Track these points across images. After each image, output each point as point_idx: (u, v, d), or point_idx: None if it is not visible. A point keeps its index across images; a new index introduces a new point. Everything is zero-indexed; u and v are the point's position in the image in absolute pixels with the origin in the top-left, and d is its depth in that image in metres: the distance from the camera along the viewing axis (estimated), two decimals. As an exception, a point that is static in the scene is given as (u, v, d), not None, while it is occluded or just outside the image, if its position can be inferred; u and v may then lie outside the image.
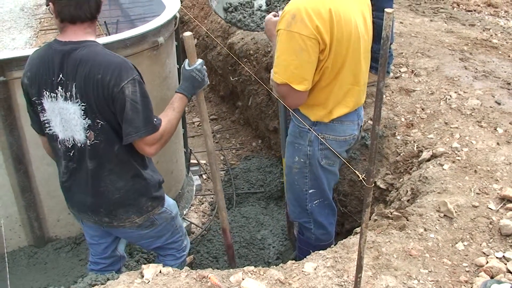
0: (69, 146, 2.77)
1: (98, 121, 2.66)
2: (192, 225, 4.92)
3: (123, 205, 2.92)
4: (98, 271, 3.22)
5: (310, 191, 3.40)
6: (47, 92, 2.67)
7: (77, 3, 2.56)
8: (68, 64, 2.61)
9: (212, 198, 5.38)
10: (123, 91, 2.58)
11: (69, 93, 2.63)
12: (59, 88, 2.64)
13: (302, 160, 3.32)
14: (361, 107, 3.39)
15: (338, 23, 2.89)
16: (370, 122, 4.22)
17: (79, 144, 2.74)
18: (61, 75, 2.63)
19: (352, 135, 3.32)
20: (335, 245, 3.00)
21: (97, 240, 3.28)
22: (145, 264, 3.25)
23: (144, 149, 2.77)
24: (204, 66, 3.23)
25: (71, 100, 2.64)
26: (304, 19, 2.83)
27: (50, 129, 2.78)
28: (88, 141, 2.71)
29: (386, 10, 1.64)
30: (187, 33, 3.26)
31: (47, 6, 2.68)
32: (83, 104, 2.63)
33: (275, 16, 3.31)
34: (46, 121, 2.77)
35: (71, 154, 2.79)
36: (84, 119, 2.66)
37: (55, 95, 2.66)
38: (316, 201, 3.44)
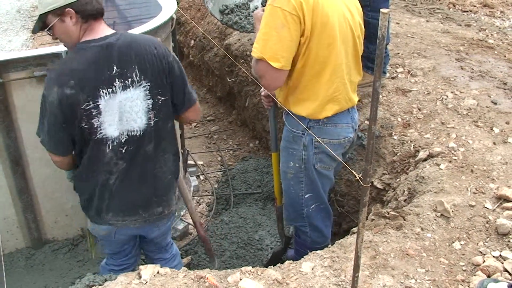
0: (122, 141, 2.82)
1: (159, 97, 2.84)
2: (190, 226, 4.93)
3: (172, 186, 3.13)
4: (119, 271, 3.27)
5: (306, 195, 3.40)
6: (104, 90, 2.69)
7: None
8: (120, 53, 2.71)
9: (210, 199, 5.39)
10: (175, 59, 2.88)
11: (130, 79, 2.73)
12: (116, 80, 2.71)
13: (297, 165, 3.31)
14: (355, 110, 3.37)
15: (324, 8, 2.90)
16: (367, 122, 4.22)
17: (137, 133, 2.83)
18: (115, 67, 2.70)
19: (347, 138, 3.31)
20: (332, 245, 3.01)
21: (126, 248, 3.35)
22: (142, 265, 3.25)
23: (192, 116, 3.14)
24: None
25: (132, 86, 2.75)
26: None
27: (101, 133, 2.75)
28: (151, 122, 2.85)
29: (382, 10, 1.65)
30: None
31: (45, 29, 2.76)
32: (147, 83, 2.77)
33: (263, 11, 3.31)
34: (98, 126, 2.73)
35: (123, 150, 2.84)
36: (148, 99, 2.80)
37: (113, 89, 2.71)
38: (313, 206, 3.44)
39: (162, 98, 2.85)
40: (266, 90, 3.18)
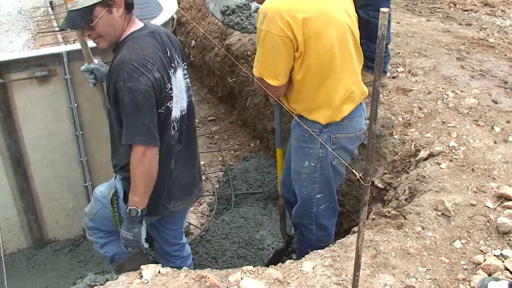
0: (179, 122, 2.96)
1: (188, 77, 3.12)
2: (191, 226, 4.93)
3: None
4: None
5: (318, 195, 3.41)
6: (171, 70, 2.87)
7: None
8: (163, 39, 2.89)
9: (211, 199, 5.39)
10: None
11: (176, 61, 2.94)
12: (171, 63, 2.88)
13: (312, 164, 3.31)
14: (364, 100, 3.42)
15: (316, 21, 2.91)
16: (368, 122, 4.23)
17: (184, 112, 3.02)
18: (168, 51, 2.88)
19: (362, 130, 3.36)
20: (333, 244, 3.01)
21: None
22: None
23: None
24: None
25: (179, 67, 2.98)
26: (275, 18, 2.87)
27: (171, 115, 2.89)
28: (189, 100, 3.07)
29: (382, 9, 1.65)
30: None
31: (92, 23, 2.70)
32: (183, 64, 3.05)
33: None
34: (171, 108, 2.87)
35: (179, 131, 2.98)
36: (186, 78, 3.07)
37: (174, 69, 2.90)
38: (323, 206, 3.45)
39: (189, 79, 3.12)
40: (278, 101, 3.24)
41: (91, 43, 2.95)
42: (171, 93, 2.84)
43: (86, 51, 3.03)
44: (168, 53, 2.87)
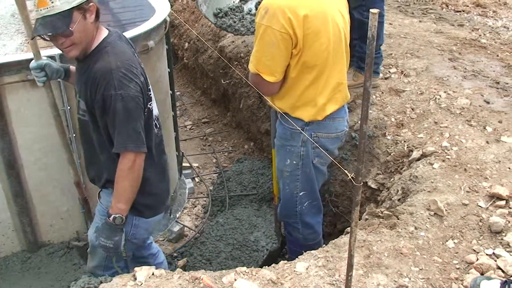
0: (158, 119, 3.02)
1: None
2: (185, 228, 4.93)
3: None
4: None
5: (301, 193, 3.43)
6: (144, 74, 2.87)
7: None
8: (130, 44, 2.93)
9: (205, 201, 5.39)
10: None
11: (141, 63, 2.92)
12: (140, 64, 2.86)
13: (294, 162, 3.34)
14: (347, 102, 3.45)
15: (315, 17, 2.93)
16: (359, 122, 4.26)
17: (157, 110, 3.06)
18: (135, 51, 2.93)
19: (344, 131, 3.39)
20: (326, 244, 3.02)
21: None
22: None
23: None
24: None
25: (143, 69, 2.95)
26: (277, 13, 2.88)
27: (153, 114, 2.92)
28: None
29: (371, 10, 1.66)
30: None
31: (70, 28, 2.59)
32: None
33: None
34: (152, 108, 2.90)
35: (159, 128, 3.03)
36: None
37: (143, 69, 2.89)
38: (306, 203, 3.48)
39: None
40: (263, 96, 3.25)
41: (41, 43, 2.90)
42: (150, 94, 2.88)
43: (35, 47, 2.93)
44: (137, 55, 2.89)
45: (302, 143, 3.28)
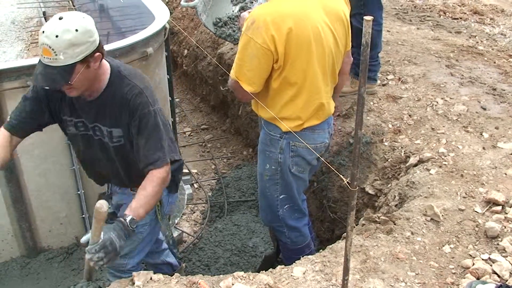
0: None
1: None
2: (184, 233, 4.95)
3: None
4: None
5: (281, 196, 3.46)
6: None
7: None
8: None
9: (204, 207, 5.41)
10: None
11: None
12: None
13: (273, 167, 3.36)
14: (331, 116, 3.44)
15: (299, 34, 2.93)
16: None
17: None
18: None
19: (323, 143, 3.37)
20: (323, 249, 3.04)
21: None
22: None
23: None
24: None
25: None
26: (261, 27, 2.89)
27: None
28: None
29: (365, 18, 1.69)
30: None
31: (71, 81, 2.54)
32: None
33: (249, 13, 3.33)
34: None
35: None
36: None
37: None
38: (286, 206, 3.49)
39: None
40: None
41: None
42: None
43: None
44: None
45: (280, 150, 3.29)
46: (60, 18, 2.45)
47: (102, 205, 2.45)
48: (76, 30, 2.43)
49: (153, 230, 3.19)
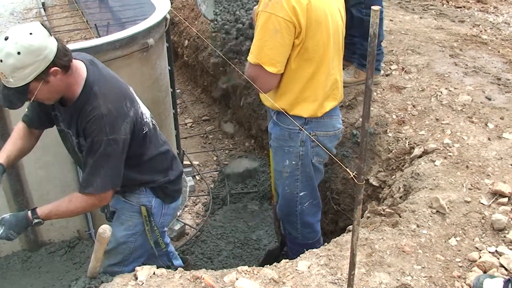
0: (156, 126, 3.17)
1: None
2: (186, 226, 4.92)
3: None
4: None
5: (301, 193, 3.42)
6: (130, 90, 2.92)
7: None
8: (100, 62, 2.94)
9: (206, 199, 5.38)
10: None
11: None
12: None
13: (293, 162, 3.33)
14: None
15: (317, 7, 2.92)
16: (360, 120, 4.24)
17: (153, 119, 3.17)
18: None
19: (340, 128, 3.41)
20: (328, 243, 3.01)
21: None
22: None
23: None
24: None
25: None
26: (281, 1, 2.85)
27: (150, 124, 3.01)
28: None
29: (373, 7, 1.64)
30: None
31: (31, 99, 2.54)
32: None
33: None
34: (150, 121, 3.01)
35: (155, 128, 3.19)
36: None
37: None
38: (307, 203, 3.47)
39: None
40: (260, 92, 3.18)
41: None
42: (143, 116, 2.88)
43: None
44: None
45: (301, 142, 3.26)
46: (6, 39, 2.36)
47: (105, 230, 2.55)
48: (19, 53, 2.33)
49: (144, 241, 3.20)
